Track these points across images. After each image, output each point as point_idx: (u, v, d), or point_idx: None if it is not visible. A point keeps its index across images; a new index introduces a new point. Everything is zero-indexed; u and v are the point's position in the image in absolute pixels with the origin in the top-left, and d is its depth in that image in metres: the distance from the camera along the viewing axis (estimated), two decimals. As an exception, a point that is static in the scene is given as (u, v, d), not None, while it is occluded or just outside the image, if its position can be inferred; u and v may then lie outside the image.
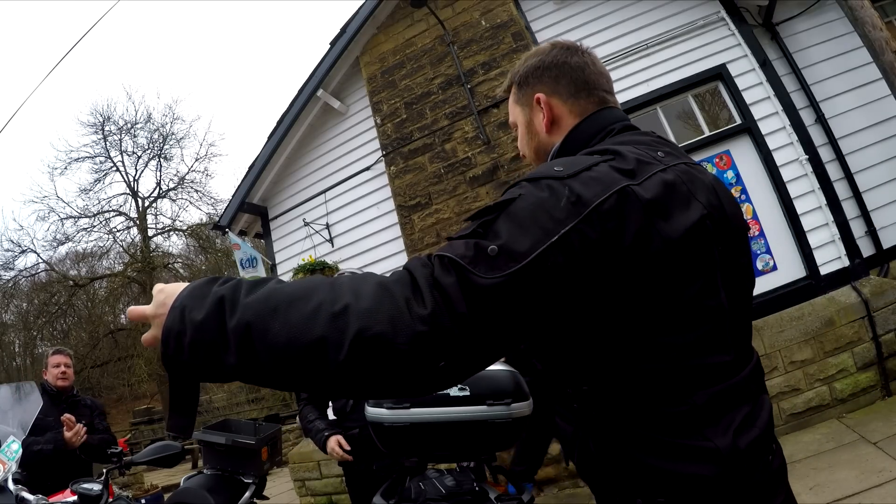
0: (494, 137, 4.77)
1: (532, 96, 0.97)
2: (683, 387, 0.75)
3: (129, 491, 7.69)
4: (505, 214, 0.66)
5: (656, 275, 0.70)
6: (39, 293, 20.10)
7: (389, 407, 1.98)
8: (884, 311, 3.81)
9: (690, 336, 0.74)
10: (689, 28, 4.61)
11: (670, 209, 0.71)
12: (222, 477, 2.92)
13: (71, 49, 6.18)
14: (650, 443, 0.75)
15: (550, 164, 0.75)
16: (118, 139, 20.81)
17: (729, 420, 0.76)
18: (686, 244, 0.72)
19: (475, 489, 1.93)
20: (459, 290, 0.60)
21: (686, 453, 0.74)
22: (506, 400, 1.95)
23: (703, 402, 0.75)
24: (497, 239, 0.63)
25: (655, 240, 0.68)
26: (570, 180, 0.68)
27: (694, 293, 0.74)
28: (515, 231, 0.63)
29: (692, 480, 0.74)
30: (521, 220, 0.64)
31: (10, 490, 2.15)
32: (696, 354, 0.75)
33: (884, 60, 3.93)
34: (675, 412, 0.74)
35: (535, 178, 0.70)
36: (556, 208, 0.65)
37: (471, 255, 0.62)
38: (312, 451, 5.60)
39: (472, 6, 5.14)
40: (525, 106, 1.00)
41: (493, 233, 0.64)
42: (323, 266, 5.23)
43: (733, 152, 4.47)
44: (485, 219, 0.67)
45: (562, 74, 0.95)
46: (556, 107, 0.94)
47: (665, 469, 0.75)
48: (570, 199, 0.65)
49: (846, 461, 2.97)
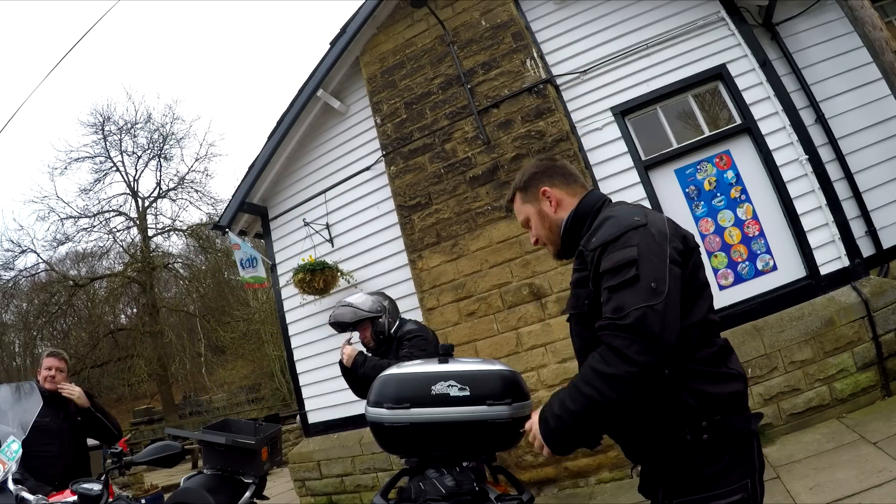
0: (494, 137, 4.77)
1: (538, 191, 1.41)
2: (711, 335, 1.21)
3: (129, 491, 7.69)
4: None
5: (694, 265, 1.21)
6: (39, 293, 20.10)
7: (389, 407, 1.98)
8: (884, 311, 3.80)
9: (706, 303, 1.21)
10: (689, 28, 4.61)
11: (678, 234, 1.23)
12: (222, 477, 2.91)
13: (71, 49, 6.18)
14: (700, 374, 1.15)
15: (624, 215, 1.23)
16: (118, 139, 20.85)
17: (735, 359, 1.24)
18: (691, 251, 1.22)
19: (475, 489, 1.93)
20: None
21: (725, 377, 1.18)
22: (506, 400, 1.95)
23: (724, 343, 1.23)
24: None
25: (691, 242, 1.24)
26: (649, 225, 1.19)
27: (703, 277, 1.24)
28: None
29: (732, 396, 1.17)
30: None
31: (10, 490, 2.15)
32: (709, 313, 1.21)
33: (884, 60, 3.93)
34: (711, 352, 1.18)
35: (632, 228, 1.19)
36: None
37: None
38: (312, 451, 5.60)
39: (472, 6, 5.13)
40: (533, 201, 1.43)
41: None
42: (323, 266, 5.23)
43: (733, 152, 4.47)
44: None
45: (554, 173, 1.42)
46: (557, 194, 1.39)
47: (718, 392, 1.15)
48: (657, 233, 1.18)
49: (846, 461, 2.96)
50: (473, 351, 4.52)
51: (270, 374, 18.50)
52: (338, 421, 5.54)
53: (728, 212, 4.42)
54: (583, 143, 4.68)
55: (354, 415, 5.31)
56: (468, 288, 4.66)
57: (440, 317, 4.74)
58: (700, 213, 4.48)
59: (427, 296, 4.84)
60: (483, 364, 2.09)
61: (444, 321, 4.71)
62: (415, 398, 1.96)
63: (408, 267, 5.09)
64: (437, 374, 1.99)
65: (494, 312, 4.51)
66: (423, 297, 4.88)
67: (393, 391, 2.01)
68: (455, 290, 4.72)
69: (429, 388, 1.96)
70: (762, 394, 3.82)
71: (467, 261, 4.71)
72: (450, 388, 1.96)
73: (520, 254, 4.51)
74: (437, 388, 1.96)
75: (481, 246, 4.67)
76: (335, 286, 5.41)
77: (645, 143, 4.70)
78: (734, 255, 4.36)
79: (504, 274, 4.52)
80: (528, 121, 4.67)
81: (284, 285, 6.04)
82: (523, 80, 4.75)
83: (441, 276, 4.80)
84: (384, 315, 2.99)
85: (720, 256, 4.39)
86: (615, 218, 1.22)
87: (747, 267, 4.33)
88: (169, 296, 23.21)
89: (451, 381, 1.97)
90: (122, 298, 21.12)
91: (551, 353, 4.23)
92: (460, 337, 4.59)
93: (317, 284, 5.21)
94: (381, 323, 2.97)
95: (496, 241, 4.62)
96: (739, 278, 4.33)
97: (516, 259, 4.51)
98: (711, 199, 4.47)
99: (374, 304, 3.01)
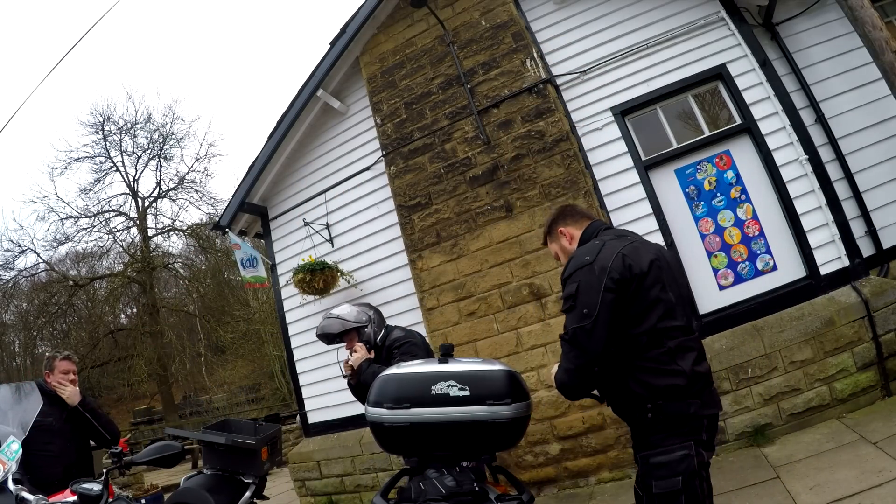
0: (494, 137, 4.77)
1: (557, 232, 1.96)
2: (661, 339, 1.61)
3: (129, 491, 7.69)
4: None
5: (641, 287, 1.62)
6: (39, 293, 20.10)
7: (389, 407, 1.98)
8: (884, 311, 3.80)
9: (657, 314, 1.62)
10: (689, 28, 4.61)
11: (636, 258, 1.66)
12: (222, 477, 2.92)
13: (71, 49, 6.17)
14: (649, 370, 1.61)
15: (580, 255, 1.71)
16: (118, 139, 20.86)
17: (688, 358, 1.62)
18: (634, 277, 1.62)
19: (475, 489, 1.93)
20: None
21: (668, 373, 1.59)
22: (506, 400, 1.95)
23: (674, 346, 1.62)
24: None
25: (635, 269, 1.63)
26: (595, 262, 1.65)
27: (657, 293, 1.64)
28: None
29: (670, 388, 1.59)
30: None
31: (10, 490, 2.15)
32: (661, 322, 1.62)
33: (884, 60, 3.93)
34: (660, 352, 1.61)
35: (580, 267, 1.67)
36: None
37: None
38: (312, 451, 5.60)
39: (472, 6, 5.13)
40: (556, 240, 1.98)
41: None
42: (323, 266, 5.23)
43: (733, 152, 4.47)
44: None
45: (566, 215, 1.97)
46: (571, 231, 1.92)
47: (658, 383, 1.59)
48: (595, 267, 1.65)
49: (846, 461, 2.96)
50: (473, 351, 4.52)
51: (270, 374, 18.51)
52: (338, 421, 5.54)
53: (728, 212, 4.42)
54: (583, 143, 4.69)
55: (354, 415, 5.31)
56: (468, 288, 4.66)
57: (440, 317, 4.74)
58: (700, 213, 4.48)
59: (427, 296, 4.84)
60: (483, 364, 2.09)
61: (444, 321, 4.71)
62: (415, 398, 1.97)
63: (408, 267, 5.09)
64: (437, 374, 1.99)
65: (494, 312, 4.51)
66: (423, 297, 4.88)
67: (393, 391, 2.01)
68: (455, 290, 4.72)
69: (429, 388, 1.96)
70: (762, 394, 3.83)
71: (467, 261, 4.71)
72: (450, 388, 1.96)
73: (520, 254, 4.51)
74: (437, 388, 1.96)
75: (481, 246, 4.67)
76: (335, 286, 5.41)
77: (645, 143, 4.70)
78: (734, 255, 4.36)
79: (504, 274, 4.52)
80: (528, 121, 4.67)
81: (284, 285, 6.04)
82: (523, 80, 4.75)
83: (441, 276, 4.80)
84: (370, 325, 3.00)
85: (720, 256, 4.39)
86: (575, 258, 1.72)
87: (747, 267, 4.33)
88: (169, 296, 23.23)
89: (451, 381, 1.97)
90: (122, 298, 21.12)
91: (551, 353, 4.23)
92: (460, 337, 4.59)
93: (317, 284, 5.21)
94: (367, 332, 2.98)
95: (496, 241, 4.62)
96: (739, 278, 4.33)
97: (516, 259, 4.51)
98: (711, 199, 4.47)
99: (360, 314, 3.02)
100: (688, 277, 4.29)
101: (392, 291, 5.34)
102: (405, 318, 5.17)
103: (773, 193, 4.31)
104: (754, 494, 2.97)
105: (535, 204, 4.50)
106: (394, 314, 5.27)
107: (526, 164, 4.61)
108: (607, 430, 4.04)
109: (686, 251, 4.40)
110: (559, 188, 4.43)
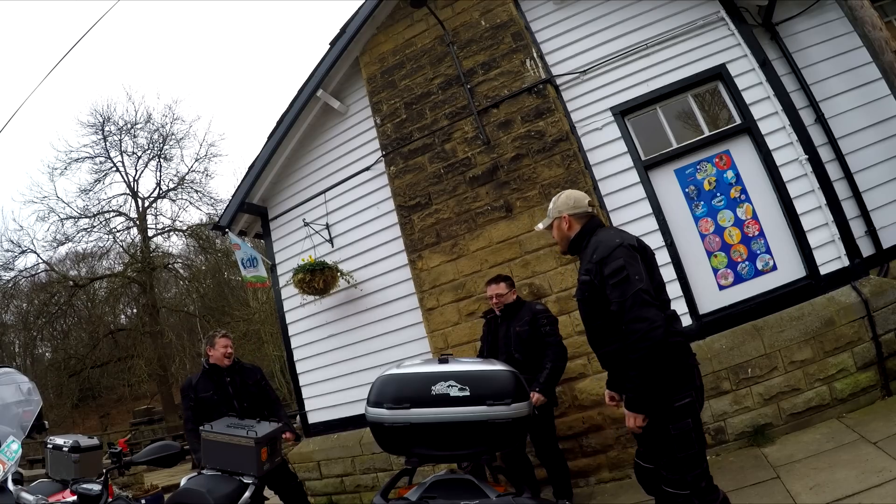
0: (494, 137, 4.77)
1: (560, 216, 2.25)
2: (666, 306, 2.04)
3: (129, 491, 7.68)
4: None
5: (651, 264, 2.09)
6: (39, 293, 20.08)
7: (390, 407, 1.98)
8: (884, 310, 3.80)
9: (661, 286, 2.09)
10: (689, 28, 4.61)
11: (642, 243, 2.12)
12: (222, 477, 2.92)
13: (71, 49, 6.17)
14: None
15: (609, 238, 2.09)
16: (118, 139, 20.83)
17: (678, 322, 2.09)
18: (651, 255, 2.11)
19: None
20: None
21: (676, 333, 1.99)
22: (506, 400, 1.95)
23: (671, 313, 2.04)
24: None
25: (648, 252, 2.11)
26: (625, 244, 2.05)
27: (657, 272, 2.10)
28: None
29: (680, 344, 1.99)
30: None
31: (10, 490, 2.15)
32: (662, 293, 2.07)
33: (884, 60, 3.93)
34: (668, 315, 2.00)
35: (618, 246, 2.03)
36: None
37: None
38: (312, 451, 5.60)
39: (472, 6, 5.13)
40: (559, 221, 2.26)
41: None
42: (323, 266, 5.23)
43: (733, 152, 4.47)
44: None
45: (569, 204, 2.26)
46: (570, 218, 2.24)
47: (671, 340, 1.93)
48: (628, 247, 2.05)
49: (846, 461, 2.96)
50: (473, 351, 4.52)
51: (270, 374, 18.47)
52: (338, 421, 5.54)
53: (728, 212, 4.42)
54: (582, 143, 4.68)
55: (354, 415, 5.31)
56: (468, 288, 4.66)
57: (440, 317, 4.74)
58: (700, 212, 4.48)
59: (427, 296, 4.84)
60: (483, 364, 2.09)
61: (444, 321, 4.71)
62: (415, 398, 1.97)
63: (408, 267, 5.09)
64: (437, 374, 1.99)
65: (494, 312, 4.51)
66: (422, 297, 4.88)
67: (393, 391, 2.01)
68: (455, 290, 4.72)
69: (429, 388, 1.96)
70: (762, 394, 3.82)
71: (467, 261, 4.71)
72: (450, 388, 1.96)
73: (520, 254, 4.51)
74: (437, 389, 1.96)
75: (481, 246, 4.67)
76: (335, 286, 5.41)
77: (645, 143, 4.70)
78: (734, 255, 4.36)
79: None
80: (528, 121, 4.67)
81: (284, 285, 6.03)
82: (523, 80, 4.75)
83: (441, 276, 4.80)
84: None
85: (720, 256, 4.39)
86: (605, 242, 2.03)
87: (747, 267, 4.33)
88: (169, 296, 23.20)
89: (451, 381, 1.97)
90: (122, 299, 21.11)
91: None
92: (460, 337, 4.59)
93: (317, 284, 5.21)
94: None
95: (496, 241, 4.62)
96: (739, 278, 4.33)
97: (516, 259, 4.51)
98: (711, 198, 4.47)
99: None
100: (688, 277, 4.33)
101: (392, 291, 5.34)
102: (405, 319, 5.17)
103: (773, 193, 4.31)
104: (754, 494, 2.96)
105: (535, 204, 4.50)
106: (394, 314, 5.27)
107: (526, 164, 4.61)
108: (607, 430, 4.04)
109: (686, 251, 4.40)
110: (559, 188, 4.42)
